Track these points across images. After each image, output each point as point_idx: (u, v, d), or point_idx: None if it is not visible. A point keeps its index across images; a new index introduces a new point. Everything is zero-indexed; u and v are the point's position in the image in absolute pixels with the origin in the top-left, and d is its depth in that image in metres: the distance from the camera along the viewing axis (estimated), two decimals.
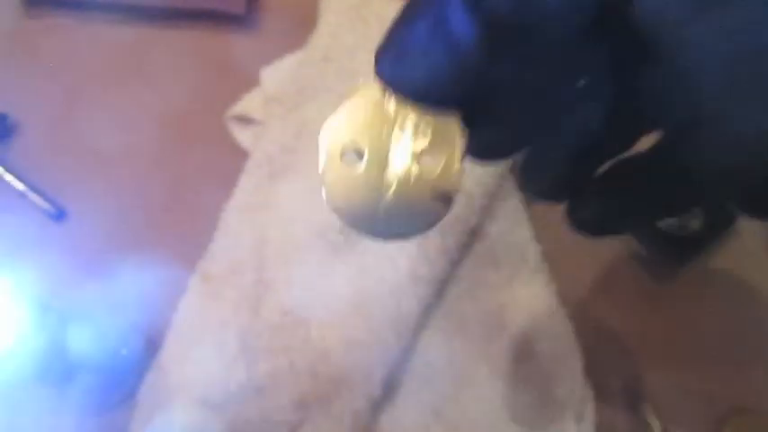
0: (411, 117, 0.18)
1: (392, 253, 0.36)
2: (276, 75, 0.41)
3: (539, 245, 0.38)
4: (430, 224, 0.18)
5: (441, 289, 0.36)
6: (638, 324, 0.38)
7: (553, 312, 0.36)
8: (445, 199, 0.18)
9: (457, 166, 0.18)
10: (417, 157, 0.18)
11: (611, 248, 0.39)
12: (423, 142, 0.18)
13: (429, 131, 0.18)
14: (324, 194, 0.18)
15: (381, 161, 0.18)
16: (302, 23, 0.44)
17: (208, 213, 0.40)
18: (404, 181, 0.18)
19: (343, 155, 0.18)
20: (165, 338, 0.37)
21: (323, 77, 0.39)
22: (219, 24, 0.46)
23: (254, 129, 0.42)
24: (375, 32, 0.40)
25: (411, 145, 0.18)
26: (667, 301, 0.38)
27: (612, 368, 0.37)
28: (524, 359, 0.35)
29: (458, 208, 0.36)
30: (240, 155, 0.42)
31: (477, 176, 0.37)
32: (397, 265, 0.35)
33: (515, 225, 0.38)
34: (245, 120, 0.42)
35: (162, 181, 0.42)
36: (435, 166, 0.18)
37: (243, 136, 0.42)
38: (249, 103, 0.42)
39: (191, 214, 0.40)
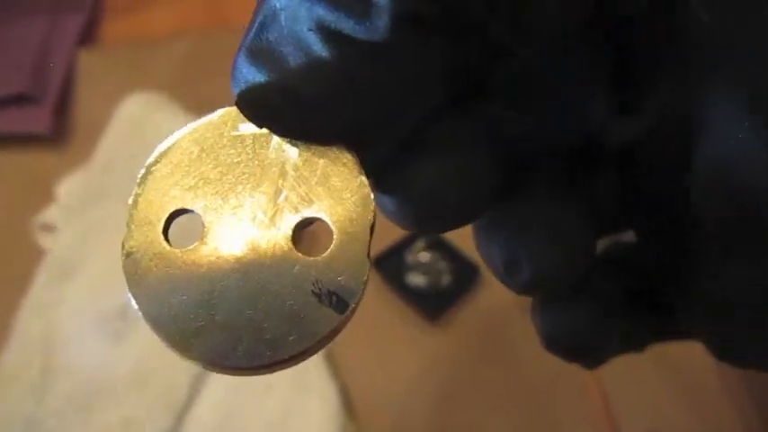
0: (288, 160, 0.13)
1: None
2: (69, 185, 0.45)
3: None
4: (311, 343, 0.12)
5: None
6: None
7: (320, 371, 0.41)
8: (337, 300, 0.12)
9: (358, 247, 0.12)
10: (294, 229, 0.12)
11: (375, 302, 0.44)
12: (306, 204, 0.12)
13: (318, 186, 0.12)
14: (129, 294, 0.12)
15: (235, 237, 0.12)
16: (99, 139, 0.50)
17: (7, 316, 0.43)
18: (270, 271, 0.12)
19: (168, 225, 0.13)
20: None
21: (103, 184, 0.44)
22: (26, 142, 0.51)
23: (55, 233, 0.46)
24: (152, 142, 0.45)
25: (285, 208, 0.12)
26: (428, 349, 0.43)
27: None
28: (291, 415, 0.39)
29: None
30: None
31: None
32: None
33: None
34: (48, 228, 0.47)
35: None
36: (327, 243, 0.12)
37: (48, 243, 0.46)
38: (51, 212, 0.47)
39: None
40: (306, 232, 0.13)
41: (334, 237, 0.12)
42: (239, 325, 0.12)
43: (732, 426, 0.40)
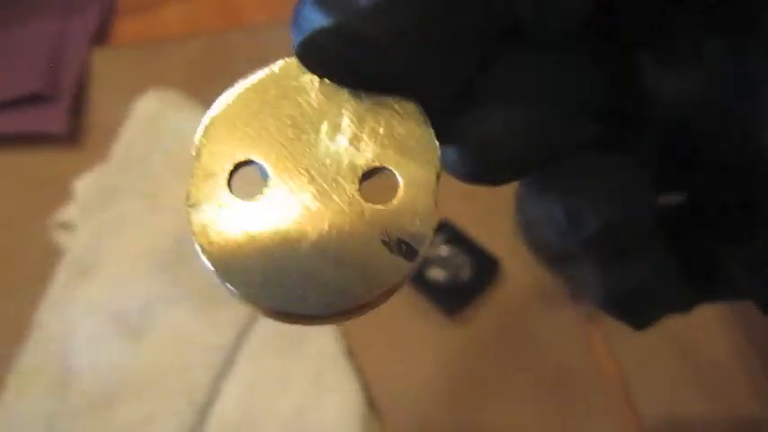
0: (351, 110, 0.12)
1: (187, 327, 0.40)
2: (86, 184, 0.45)
3: None
4: (381, 291, 0.12)
5: (231, 356, 0.40)
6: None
7: (341, 367, 0.40)
8: (406, 249, 0.12)
9: (426, 195, 0.12)
10: (361, 179, 0.12)
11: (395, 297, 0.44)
12: (371, 154, 0.12)
13: (383, 136, 0.12)
14: (196, 245, 0.12)
15: (301, 188, 0.12)
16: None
17: (27, 315, 0.43)
18: (338, 221, 0.12)
19: (231, 177, 0.13)
20: None
21: (120, 181, 0.44)
22: (42, 142, 0.51)
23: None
24: (169, 139, 0.45)
25: (350, 158, 0.12)
26: (448, 345, 0.43)
27: None
28: (311, 411, 0.39)
29: None
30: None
31: None
32: (191, 339, 0.39)
33: None
34: (66, 227, 0.47)
35: None
36: (393, 194, 0.12)
37: (66, 241, 0.46)
38: (68, 212, 0.47)
39: (11, 318, 0.44)
40: (372, 182, 0.13)
41: (402, 186, 0.12)
42: (308, 274, 0.12)
43: (754, 413, 0.39)
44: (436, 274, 0.42)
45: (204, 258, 0.12)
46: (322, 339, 0.41)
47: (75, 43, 0.54)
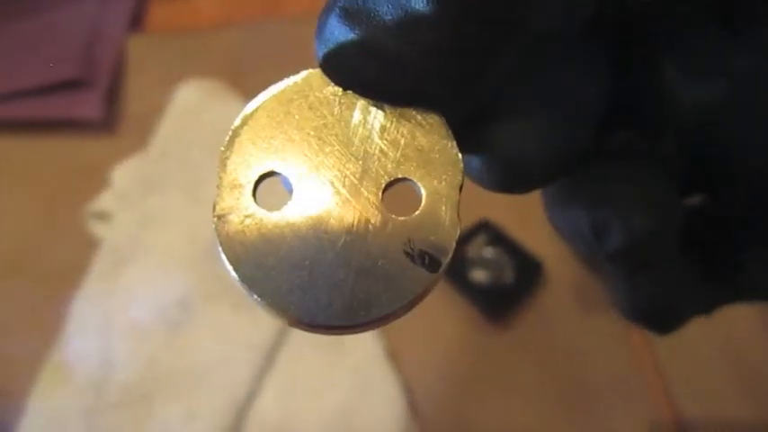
0: (374, 122, 0.13)
1: (227, 324, 0.39)
2: (124, 172, 0.45)
3: None
4: (403, 302, 0.12)
5: (272, 354, 0.39)
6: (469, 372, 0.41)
7: (382, 369, 0.40)
8: (429, 261, 0.12)
9: (449, 207, 0.12)
10: (384, 190, 0.12)
11: (438, 299, 0.43)
12: (394, 165, 0.12)
13: (406, 148, 0.12)
14: (222, 255, 0.12)
15: (324, 199, 0.12)
16: (155, 126, 0.49)
17: (63, 305, 0.42)
18: (361, 232, 0.12)
19: (256, 188, 0.13)
20: (19, 428, 0.39)
21: (163, 171, 0.43)
22: (77, 129, 0.50)
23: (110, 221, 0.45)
24: (209, 130, 0.44)
25: (373, 170, 0.12)
26: (490, 349, 0.42)
27: None
28: (353, 413, 0.38)
29: None
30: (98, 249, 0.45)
31: None
32: (231, 335, 0.39)
33: None
34: (102, 216, 0.46)
35: (20, 282, 0.45)
36: (415, 206, 0.12)
37: (102, 232, 0.46)
38: (104, 201, 0.46)
39: (46, 308, 0.43)
40: (394, 193, 0.13)
41: (424, 197, 0.12)
42: (332, 284, 0.12)
43: None
44: (479, 276, 0.42)
45: (230, 268, 0.12)
46: (364, 340, 0.40)
47: (110, 29, 0.53)
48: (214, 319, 0.39)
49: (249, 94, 0.13)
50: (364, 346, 0.40)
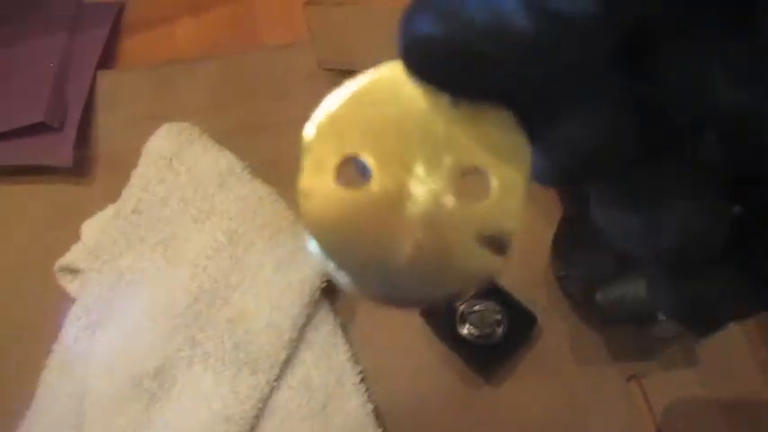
0: (451, 115, 0.13)
1: (206, 394, 0.37)
2: (95, 227, 0.42)
3: (357, 365, 0.40)
4: (471, 282, 0.13)
5: (253, 425, 0.37)
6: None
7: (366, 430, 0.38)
8: (497, 245, 0.13)
9: (517, 196, 0.13)
10: (458, 180, 0.13)
11: (427, 356, 0.41)
12: (468, 156, 0.13)
13: (479, 140, 0.13)
14: (306, 227, 0.13)
15: (401, 184, 0.13)
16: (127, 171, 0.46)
17: (35, 370, 0.40)
18: (435, 216, 0.13)
19: (340, 169, 0.13)
20: None
21: (134, 228, 0.41)
22: (48, 177, 0.48)
23: (81, 279, 0.43)
24: (185, 181, 0.42)
25: (448, 159, 0.13)
26: (483, 406, 0.40)
27: None
28: None
29: (266, 343, 0.38)
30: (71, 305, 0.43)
31: (284, 309, 0.39)
32: (210, 407, 0.37)
33: (331, 350, 0.40)
34: (73, 271, 0.44)
35: None
36: (486, 195, 0.13)
37: (72, 286, 0.43)
38: (75, 254, 0.44)
39: (14, 372, 0.41)
40: (465, 181, 0.13)
41: (495, 186, 0.13)
42: (407, 263, 0.13)
43: None
44: (469, 330, 0.40)
45: (313, 244, 0.13)
46: (349, 405, 0.38)
47: (81, 64, 0.51)
48: (192, 390, 0.37)
49: (228, 131, 0.13)
50: (350, 412, 0.38)
